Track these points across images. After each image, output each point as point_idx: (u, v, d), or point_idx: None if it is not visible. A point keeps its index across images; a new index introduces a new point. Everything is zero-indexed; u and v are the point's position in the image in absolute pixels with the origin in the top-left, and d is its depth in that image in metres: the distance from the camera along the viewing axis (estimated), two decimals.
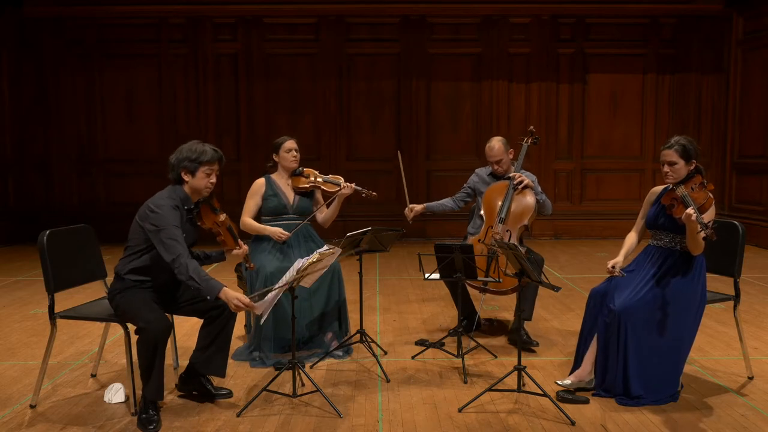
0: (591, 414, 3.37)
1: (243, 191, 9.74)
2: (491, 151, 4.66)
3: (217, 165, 3.50)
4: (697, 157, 3.57)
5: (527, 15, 9.59)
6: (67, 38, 9.55)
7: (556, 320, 5.22)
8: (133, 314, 3.29)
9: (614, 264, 3.67)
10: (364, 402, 3.56)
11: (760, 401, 3.54)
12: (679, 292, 3.47)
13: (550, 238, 9.79)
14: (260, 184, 4.44)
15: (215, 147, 3.53)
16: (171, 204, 3.39)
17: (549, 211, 4.62)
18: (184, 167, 3.43)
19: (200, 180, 3.45)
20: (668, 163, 3.56)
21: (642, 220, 3.82)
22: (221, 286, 3.28)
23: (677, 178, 3.55)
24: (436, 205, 4.82)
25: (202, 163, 3.43)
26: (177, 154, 3.48)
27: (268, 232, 4.29)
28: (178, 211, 3.40)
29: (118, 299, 3.41)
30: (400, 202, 9.78)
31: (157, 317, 3.25)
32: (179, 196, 3.46)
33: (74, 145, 9.70)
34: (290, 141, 4.42)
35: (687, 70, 9.75)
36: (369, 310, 5.54)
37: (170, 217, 3.32)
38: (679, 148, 3.53)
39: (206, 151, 3.45)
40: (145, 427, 3.21)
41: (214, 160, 3.47)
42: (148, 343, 3.21)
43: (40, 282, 3.74)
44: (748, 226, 6.01)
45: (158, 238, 3.30)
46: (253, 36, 9.57)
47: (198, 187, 3.47)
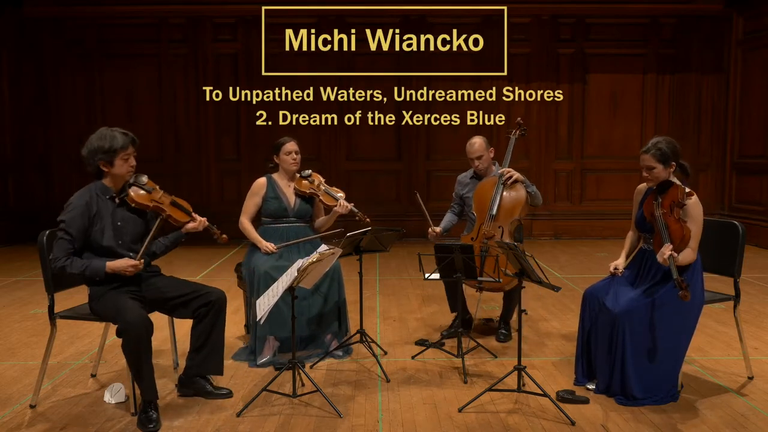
0: (591, 414, 3.37)
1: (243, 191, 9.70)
2: (471, 147, 4.70)
3: (131, 148, 3.44)
4: (677, 158, 3.56)
5: (527, 15, 9.59)
6: (67, 38, 9.55)
7: (556, 320, 5.22)
8: (113, 317, 3.30)
9: (616, 266, 3.68)
10: (364, 402, 3.56)
11: (760, 401, 3.54)
12: (676, 292, 3.47)
13: (550, 238, 9.79)
14: (261, 184, 4.43)
15: (124, 131, 3.45)
16: (80, 201, 3.35)
17: (540, 202, 4.66)
18: (100, 159, 3.39)
19: (120, 167, 3.41)
20: (646, 168, 3.58)
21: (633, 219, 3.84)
22: (103, 263, 3.29)
23: (657, 181, 3.57)
24: (446, 224, 4.86)
25: (116, 151, 3.38)
26: (87, 147, 3.41)
27: (261, 245, 4.29)
28: (87, 208, 3.35)
29: (96, 306, 3.41)
30: (400, 202, 9.80)
31: (135, 317, 3.21)
32: (97, 187, 3.44)
33: (74, 145, 9.64)
34: (291, 143, 4.40)
35: (687, 70, 9.75)
36: (369, 310, 5.54)
37: (66, 216, 3.32)
38: (656, 153, 3.53)
39: (116, 137, 3.38)
40: (144, 426, 3.21)
41: (127, 144, 3.41)
42: (130, 344, 3.19)
43: (40, 282, 3.74)
44: (748, 226, 6.01)
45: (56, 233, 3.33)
46: (253, 36, 9.57)
47: (120, 173, 3.43)
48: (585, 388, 3.68)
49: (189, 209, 3.62)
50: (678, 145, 3.61)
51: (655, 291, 3.49)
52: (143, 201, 3.48)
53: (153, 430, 3.20)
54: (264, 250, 4.26)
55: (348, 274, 4.82)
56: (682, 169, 3.60)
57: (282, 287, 3.38)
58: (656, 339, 3.44)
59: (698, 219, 3.46)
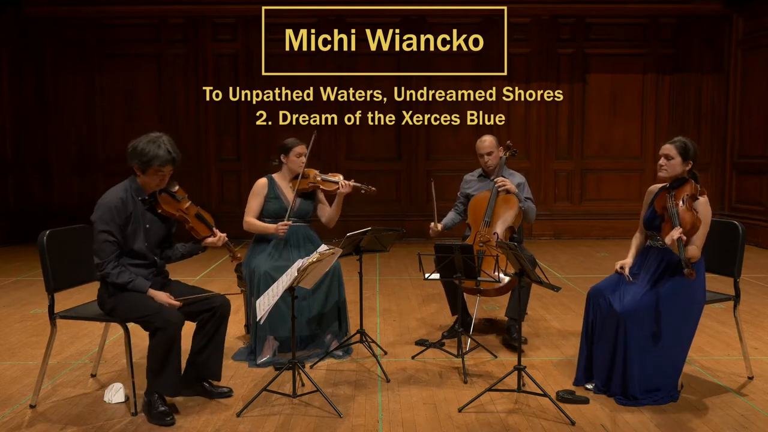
0: (591, 414, 3.37)
1: (243, 191, 9.84)
2: (482, 143, 4.69)
3: (169, 167, 3.41)
4: (695, 159, 3.59)
5: (527, 15, 9.59)
6: (67, 38, 9.54)
7: (556, 320, 5.22)
8: (145, 314, 3.29)
9: (623, 265, 3.67)
10: (364, 402, 3.56)
11: (760, 401, 3.54)
12: (678, 292, 3.47)
13: (550, 238, 9.79)
14: (263, 184, 4.43)
15: (172, 148, 3.39)
16: (115, 199, 3.34)
17: (532, 219, 4.66)
18: (135, 163, 3.39)
19: (150, 178, 3.41)
20: (665, 156, 3.58)
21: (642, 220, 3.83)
22: (146, 286, 3.35)
23: (671, 173, 3.57)
24: (448, 221, 4.84)
25: (151, 166, 3.37)
26: (133, 145, 3.39)
27: (270, 229, 4.29)
28: (124, 206, 3.35)
29: (113, 301, 3.39)
30: (401, 202, 9.80)
31: (174, 316, 3.29)
32: (132, 187, 3.44)
33: (74, 145, 9.70)
34: (302, 146, 4.41)
35: (687, 70, 9.74)
36: (369, 310, 5.54)
37: (105, 216, 3.30)
38: (680, 145, 3.57)
39: (159, 152, 3.34)
40: (162, 419, 3.22)
41: (165, 163, 3.38)
42: (166, 341, 3.24)
43: (40, 282, 3.74)
44: (748, 226, 6.00)
45: (93, 235, 3.33)
46: (253, 36, 9.57)
47: (149, 184, 3.44)
48: (584, 387, 3.68)
49: (212, 223, 3.66)
50: (699, 152, 3.63)
51: (658, 288, 3.48)
52: (170, 209, 3.52)
53: (171, 422, 3.21)
54: (278, 230, 4.24)
55: (348, 274, 4.82)
56: (693, 176, 3.61)
57: (282, 287, 3.38)
58: (658, 339, 3.44)
59: (706, 218, 3.48)
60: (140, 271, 3.42)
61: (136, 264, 3.42)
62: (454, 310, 4.69)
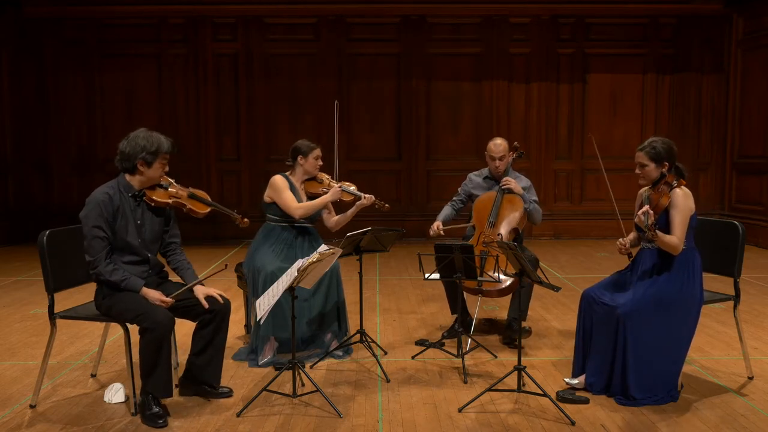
0: (591, 414, 3.37)
1: (243, 191, 9.87)
2: (496, 147, 4.65)
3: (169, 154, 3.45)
4: (671, 158, 3.57)
5: (527, 15, 9.59)
6: (67, 38, 9.54)
7: (556, 320, 5.22)
8: (134, 316, 3.28)
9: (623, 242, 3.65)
10: (364, 402, 3.56)
11: (760, 401, 3.54)
12: (676, 292, 3.48)
13: (550, 238, 9.79)
14: (283, 179, 4.38)
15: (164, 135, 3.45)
16: (101, 194, 3.32)
17: (537, 221, 4.66)
18: (142, 159, 3.36)
19: (156, 170, 3.41)
20: (639, 165, 3.60)
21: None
22: (140, 285, 3.33)
23: (648, 179, 3.59)
24: (445, 216, 4.83)
25: (159, 154, 3.38)
26: (130, 143, 3.37)
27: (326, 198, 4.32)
28: (111, 201, 3.33)
29: (108, 302, 3.38)
30: (401, 202, 9.80)
31: (164, 317, 3.26)
32: (121, 183, 3.42)
33: (74, 145, 9.70)
34: (319, 149, 4.43)
35: (687, 70, 9.74)
36: (369, 310, 5.54)
37: (93, 212, 3.29)
38: (650, 151, 3.56)
39: (161, 140, 3.39)
40: (154, 422, 3.22)
41: (170, 149, 3.42)
42: (154, 342, 3.22)
43: (40, 282, 3.74)
44: (748, 226, 6.01)
45: (84, 233, 3.32)
46: (253, 36, 9.57)
47: (153, 177, 3.43)
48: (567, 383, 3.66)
49: (207, 199, 3.64)
50: (675, 147, 3.62)
51: (657, 288, 3.48)
52: (162, 199, 3.48)
53: (163, 425, 3.21)
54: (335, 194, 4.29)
55: (348, 274, 4.83)
56: (678, 171, 3.60)
57: (282, 287, 3.38)
58: (657, 339, 3.44)
59: (683, 208, 3.47)
60: (133, 269, 3.40)
61: (128, 261, 3.41)
62: (454, 309, 4.69)
